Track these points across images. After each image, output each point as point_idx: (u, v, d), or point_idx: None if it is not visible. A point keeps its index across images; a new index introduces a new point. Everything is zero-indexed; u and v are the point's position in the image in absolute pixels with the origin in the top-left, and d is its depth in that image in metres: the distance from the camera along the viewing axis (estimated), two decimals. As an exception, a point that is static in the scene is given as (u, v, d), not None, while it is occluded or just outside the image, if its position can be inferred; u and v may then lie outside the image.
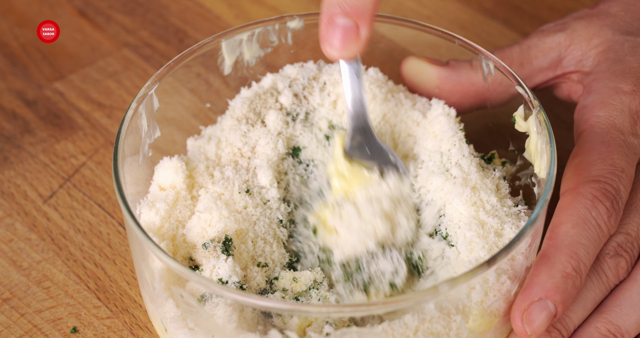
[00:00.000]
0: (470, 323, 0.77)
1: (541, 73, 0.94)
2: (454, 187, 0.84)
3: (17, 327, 0.88)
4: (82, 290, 0.92)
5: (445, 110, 0.88)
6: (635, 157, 0.84)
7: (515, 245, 0.75)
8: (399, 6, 1.19)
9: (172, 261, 0.75)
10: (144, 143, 0.88)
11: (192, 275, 0.74)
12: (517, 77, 0.86)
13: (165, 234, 0.84)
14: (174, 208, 0.85)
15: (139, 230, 0.77)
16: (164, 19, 1.18)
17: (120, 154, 0.82)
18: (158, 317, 0.81)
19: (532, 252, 0.79)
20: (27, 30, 1.17)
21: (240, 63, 0.95)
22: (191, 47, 0.91)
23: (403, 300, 0.73)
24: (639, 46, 0.91)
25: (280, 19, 0.93)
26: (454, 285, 0.73)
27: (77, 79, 1.11)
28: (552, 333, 0.80)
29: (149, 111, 0.88)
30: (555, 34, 0.93)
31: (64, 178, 1.01)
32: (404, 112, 0.91)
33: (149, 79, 0.87)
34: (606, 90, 0.88)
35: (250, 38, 0.93)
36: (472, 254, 0.81)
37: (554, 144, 0.81)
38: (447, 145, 0.87)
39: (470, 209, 0.83)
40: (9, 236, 0.96)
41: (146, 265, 0.80)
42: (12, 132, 1.05)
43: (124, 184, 0.81)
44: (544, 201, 0.77)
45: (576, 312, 0.81)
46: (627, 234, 0.83)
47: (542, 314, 0.76)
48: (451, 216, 0.84)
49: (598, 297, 0.81)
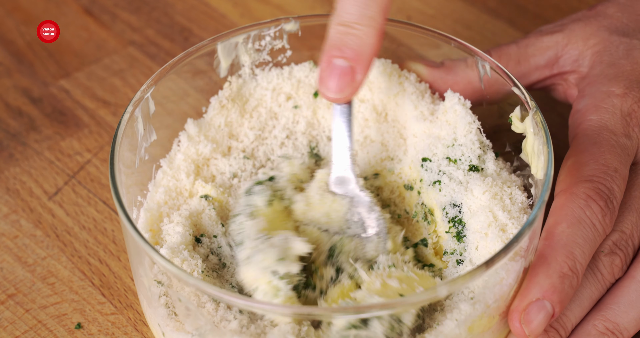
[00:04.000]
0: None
1: (538, 71, 0.94)
2: (470, 174, 0.85)
3: (22, 323, 0.89)
4: (86, 286, 0.92)
5: (461, 100, 0.89)
6: (629, 157, 0.85)
7: (513, 246, 0.75)
8: (404, 5, 1.20)
9: (169, 265, 0.75)
10: (140, 146, 0.88)
11: (190, 278, 0.75)
12: (513, 78, 0.86)
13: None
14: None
15: (136, 234, 0.76)
16: (169, 18, 1.18)
17: (117, 157, 0.82)
18: (155, 321, 0.81)
19: (530, 253, 0.79)
20: (33, 28, 1.17)
21: (236, 66, 0.95)
22: (187, 50, 0.90)
23: (401, 302, 0.73)
24: (634, 48, 0.92)
25: (276, 21, 0.94)
26: (453, 286, 0.73)
27: (83, 77, 1.12)
28: (550, 333, 0.80)
29: (145, 115, 0.88)
30: (553, 34, 0.94)
31: (69, 175, 1.02)
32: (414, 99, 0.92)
33: (145, 83, 0.87)
34: (599, 94, 0.88)
35: (245, 41, 0.94)
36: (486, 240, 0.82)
37: (551, 145, 0.81)
38: (463, 132, 0.87)
39: (489, 200, 0.83)
40: (14, 232, 0.96)
41: (143, 268, 0.80)
42: (18, 129, 1.06)
43: (120, 187, 0.81)
44: (542, 202, 0.77)
45: (573, 311, 0.81)
46: (622, 232, 0.83)
47: (539, 314, 0.77)
48: (468, 205, 0.84)
49: (594, 295, 0.82)
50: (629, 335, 0.82)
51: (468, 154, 0.87)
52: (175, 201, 0.88)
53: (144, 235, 0.81)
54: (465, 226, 0.84)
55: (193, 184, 0.89)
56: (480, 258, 0.82)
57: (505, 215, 0.82)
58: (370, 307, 0.73)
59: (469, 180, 0.85)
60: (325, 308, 0.78)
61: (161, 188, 0.89)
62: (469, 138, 0.87)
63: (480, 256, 0.82)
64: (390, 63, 0.94)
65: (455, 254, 0.84)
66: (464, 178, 0.86)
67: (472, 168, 0.86)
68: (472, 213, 0.84)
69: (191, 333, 0.78)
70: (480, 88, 0.91)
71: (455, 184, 0.86)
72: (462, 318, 0.76)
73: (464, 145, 0.87)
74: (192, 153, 0.90)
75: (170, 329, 0.79)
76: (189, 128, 0.92)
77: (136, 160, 0.88)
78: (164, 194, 0.88)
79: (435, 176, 0.87)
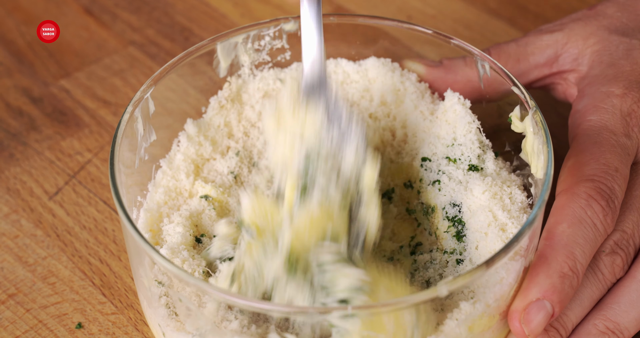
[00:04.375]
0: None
1: (537, 69, 0.94)
2: (469, 174, 0.85)
3: (22, 322, 0.89)
4: (87, 286, 0.92)
5: (460, 100, 0.89)
6: (629, 157, 0.85)
7: (513, 245, 0.75)
8: (404, 5, 1.20)
9: (170, 265, 0.75)
10: (140, 146, 0.88)
11: (190, 279, 0.74)
12: (513, 77, 0.86)
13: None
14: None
15: (137, 234, 0.76)
16: (169, 18, 1.18)
17: (116, 158, 0.82)
18: (156, 321, 0.81)
19: (530, 252, 0.79)
20: (33, 28, 1.17)
21: (236, 66, 0.95)
22: (187, 50, 0.90)
23: (401, 302, 0.73)
24: (633, 48, 0.92)
25: (275, 21, 0.94)
26: (453, 286, 0.73)
27: (83, 77, 1.12)
28: (550, 333, 0.80)
29: (145, 115, 0.88)
30: (552, 32, 0.94)
31: (69, 174, 1.02)
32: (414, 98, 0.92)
33: (145, 83, 0.87)
34: (598, 94, 0.88)
35: (245, 41, 0.94)
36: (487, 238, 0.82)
37: (551, 145, 0.81)
38: (463, 131, 0.87)
39: (488, 199, 0.83)
40: (15, 232, 0.96)
41: (144, 269, 0.80)
42: (18, 129, 1.06)
43: (121, 187, 0.81)
44: (542, 202, 0.77)
45: (574, 310, 0.81)
46: (623, 231, 0.83)
47: (539, 314, 0.77)
48: (468, 205, 0.84)
49: (595, 294, 0.82)
50: (630, 334, 0.82)
51: (467, 154, 0.87)
52: (175, 202, 0.88)
53: (144, 235, 0.81)
54: (465, 226, 0.84)
55: (193, 184, 0.89)
56: (480, 257, 0.82)
57: (505, 215, 0.82)
58: (369, 307, 0.73)
59: (468, 180, 0.85)
60: (325, 307, 0.78)
61: (161, 188, 0.89)
62: (468, 137, 0.87)
63: (480, 255, 0.82)
64: (389, 62, 0.94)
65: (455, 253, 0.84)
66: (464, 177, 0.86)
67: (471, 167, 0.86)
68: (472, 213, 0.84)
69: (192, 333, 0.78)
70: (479, 87, 0.91)
71: (455, 184, 0.86)
72: (463, 317, 0.76)
73: (464, 145, 0.87)
74: (191, 153, 0.91)
75: (171, 329, 0.79)
76: (189, 128, 0.92)
77: (136, 160, 0.88)
78: (164, 194, 0.88)
79: (434, 176, 0.87)
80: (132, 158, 0.87)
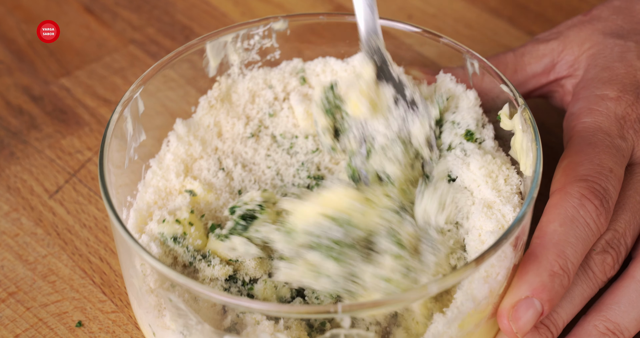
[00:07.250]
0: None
1: (534, 79, 0.95)
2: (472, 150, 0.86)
3: (22, 321, 0.89)
4: (87, 284, 0.92)
5: (452, 80, 0.90)
6: (624, 159, 0.85)
7: (502, 243, 0.75)
8: (405, 4, 1.20)
9: (160, 265, 0.75)
10: (130, 146, 0.88)
11: (180, 278, 0.74)
12: (502, 75, 0.86)
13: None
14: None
15: (126, 234, 0.76)
16: (170, 16, 1.19)
17: (106, 158, 0.81)
18: (146, 322, 0.81)
19: (519, 250, 0.79)
20: (34, 27, 1.17)
21: (225, 65, 0.95)
22: (177, 49, 0.90)
23: (393, 300, 0.73)
24: (628, 50, 0.92)
25: (265, 20, 0.94)
26: (443, 284, 0.73)
27: (84, 75, 1.12)
28: (541, 330, 0.80)
29: (134, 115, 0.87)
30: (548, 41, 0.95)
31: (69, 173, 1.02)
32: None
33: (134, 83, 0.87)
34: (593, 97, 0.89)
35: (234, 40, 0.93)
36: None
37: (540, 142, 0.81)
38: (462, 102, 0.88)
39: (483, 176, 0.84)
40: (15, 230, 0.96)
41: (134, 269, 0.79)
42: (19, 127, 1.06)
43: (110, 188, 0.80)
44: (530, 199, 0.77)
45: (564, 308, 0.81)
46: (615, 231, 0.83)
47: (528, 312, 0.77)
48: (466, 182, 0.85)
49: (586, 292, 0.82)
50: (630, 335, 0.82)
51: (467, 120, 0.87)
52: (165, 201, 0.88)
53: (134, 235, 0.81)
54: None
55: (182, 184, 0.89)
56: (467, 233, 0.83)
57: (494, 193, 0.82)
58: (362, 306, 0.73)
59: (469, 154, 0.85)
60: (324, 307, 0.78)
61: (151, 188, 0.88)
62: (465, 103, 0.88)
63: (466, 230, 0.83)
64: None
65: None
66: (464, 150, 0.86)
67: (468, 133, 0.86)
68: (465, 187, 0.84)
69: (182, 333, 0.78)
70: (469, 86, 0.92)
71: (457, 153, 0.86)
72: (453, 315, 0.76)
73: (465, 111, 0.88)
74: (181, 152, 0.90)
75: (161, 329, 0.79)
76: (178, 127, 0.92)
77: (126, 160, 0.87)
78: (154, 194, 0.88)
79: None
80: (122, 158, 0.87)
